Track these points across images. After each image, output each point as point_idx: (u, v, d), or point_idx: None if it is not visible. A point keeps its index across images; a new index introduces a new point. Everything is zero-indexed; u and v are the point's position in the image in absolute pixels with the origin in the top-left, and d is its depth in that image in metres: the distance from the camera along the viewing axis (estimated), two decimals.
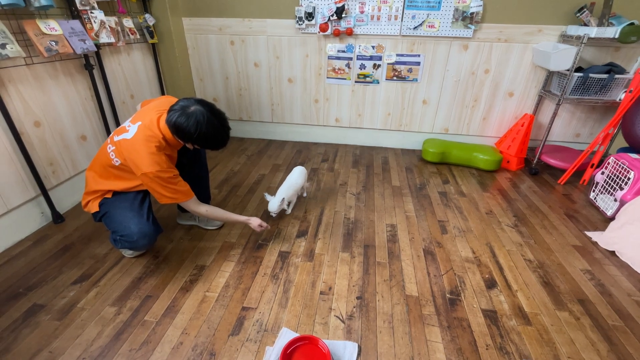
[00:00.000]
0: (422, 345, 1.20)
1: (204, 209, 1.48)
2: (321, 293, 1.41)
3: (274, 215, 1.78)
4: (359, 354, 1.16)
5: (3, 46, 1.45)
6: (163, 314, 1.30)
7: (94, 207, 1.45)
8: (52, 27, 1.69)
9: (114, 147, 1.34)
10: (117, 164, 1.35)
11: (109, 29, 2.05)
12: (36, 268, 1.52)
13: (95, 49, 1.93)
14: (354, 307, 1.35)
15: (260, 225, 1.62)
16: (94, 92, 2.07)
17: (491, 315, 1.32)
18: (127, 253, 1.60)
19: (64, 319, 1.27)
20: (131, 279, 1.47)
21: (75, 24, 1.82)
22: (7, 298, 1.36)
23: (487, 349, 1.19)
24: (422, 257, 1.64)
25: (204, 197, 1.81)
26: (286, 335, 1.20)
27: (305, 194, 2.17)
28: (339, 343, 1.19)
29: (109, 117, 2.22)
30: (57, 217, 1.84)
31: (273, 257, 1.62)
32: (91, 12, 1.92)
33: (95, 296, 1.38)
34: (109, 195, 1.44)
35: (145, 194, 1.49)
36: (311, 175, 2.45)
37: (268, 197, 1.79)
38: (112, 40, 2.08)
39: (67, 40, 1.75)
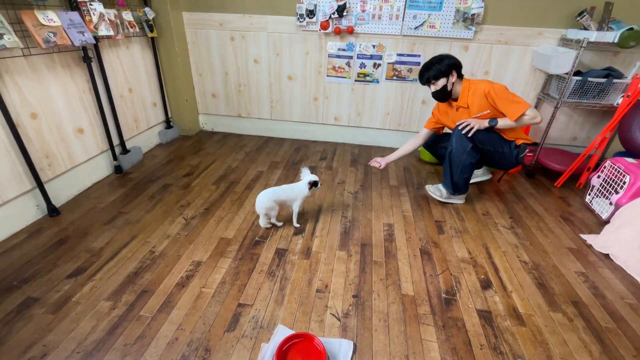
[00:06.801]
0: (417, 344, 1.20)
1: None
2: (317, 291, 1.41)
3: (314, 187, 1.80)
4: (354, 352, 1.16)
5: (0, 36, 1.44)
6: (158, 309, 1.30)
7: None
8: (51, 18, 1.67)
9: None
10: None
11: (108, 21, 2.03)
12: (31, 261, 1.51)
13: (94, 42, 1.92)
14: (350, 305, 1.35)
15: None
16: (92, 85, 2.05)
17: (486, 316, 1.33)
18: None
19: (58, 313, 1.26)
20: (127, 274, 1.46)
21: (74, 15, 1.80)
22: (1, 291, 1.35)
23: (481, 348, 1.20)
24: (418, 256, 1.64)
25: None
26: (282, 333, 1.21)
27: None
28: (335, 341, 1.19)
29: (106, 110, 2.20)
30: (53, 210, 1.83)
31: (270, 254, 1.62)
32: (90, 4, 1.90)
33: (90, 290, 1.37)
34: None
35: None
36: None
37: (306, 171, 1.83)
38: (111, 33, 2.06)
39: (66, 32, 1.73)
